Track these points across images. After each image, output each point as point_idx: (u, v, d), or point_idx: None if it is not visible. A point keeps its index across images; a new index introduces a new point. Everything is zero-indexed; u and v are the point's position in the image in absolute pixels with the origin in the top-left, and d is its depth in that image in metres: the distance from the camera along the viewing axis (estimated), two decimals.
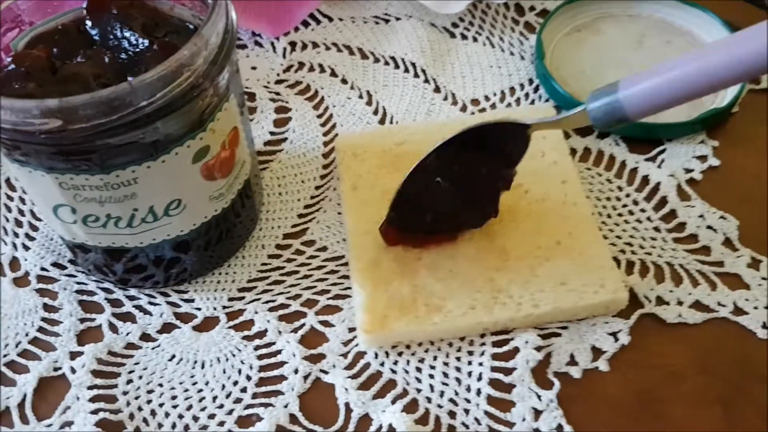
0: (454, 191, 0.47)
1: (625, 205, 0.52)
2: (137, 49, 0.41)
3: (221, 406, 0.44)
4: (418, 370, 0.45)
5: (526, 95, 0.60)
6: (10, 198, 0.55)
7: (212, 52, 0.38)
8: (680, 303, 0.47)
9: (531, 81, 0.61)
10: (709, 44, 0.37)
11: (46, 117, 0.34)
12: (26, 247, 0.52)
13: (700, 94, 0.38)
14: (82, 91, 0.37)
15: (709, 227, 0.50)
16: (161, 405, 0.44)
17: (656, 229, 0.51)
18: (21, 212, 0.54)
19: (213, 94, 0.39)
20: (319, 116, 0.60)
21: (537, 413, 0.43)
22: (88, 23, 0.43)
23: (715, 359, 0.45)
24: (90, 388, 0.45)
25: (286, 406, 0.44)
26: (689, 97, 0.39)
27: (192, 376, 0.45)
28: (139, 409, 0.44)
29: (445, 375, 0.45)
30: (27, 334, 0.47)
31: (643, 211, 0.52)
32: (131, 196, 0.40)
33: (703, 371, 0.44)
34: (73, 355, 0.46)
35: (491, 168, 0.47)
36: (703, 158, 0.55)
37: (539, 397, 0.43)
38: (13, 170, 0.40)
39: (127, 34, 0.42)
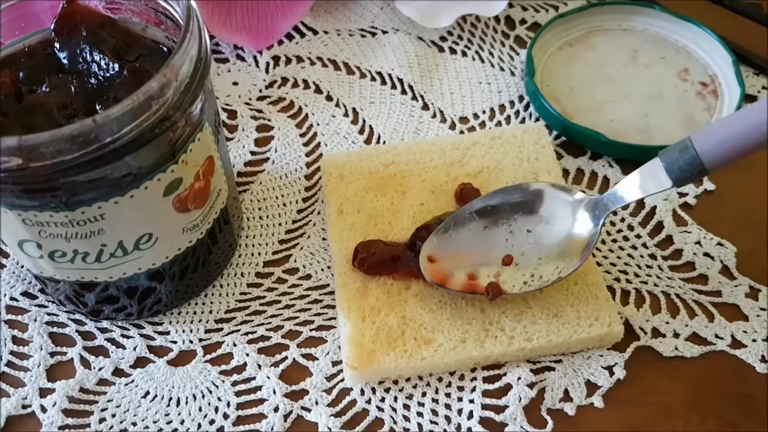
0: None
1: (619, 231, 0.50)
2: (107, 74, 0.39)
3: None
4: (406, 407, 0.43)
5: (517, 113, 0.58)
6: None
7: (184, 81, 0.36)
8: (677, 335, 0.45)
9: (522, 98, 0.59)
10: None
11: (5, 155, 0.32)
12: None
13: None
14: (46, 124, 0.35)
15: (706, 254, 0.49)
16: None
17: (652, 256, 0.49)
18: None
19: (185, 124, 0.37)
20: (303, 135, 0.57)
21: None
22: (57, 45, 0.41)
23: (710, 396, 0.43)
24: (61, 428, 0.43)
25: None
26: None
27: (167, 414, 0.43)
28: None
29: (434, 413, 0.43)
30: None
31: (638, 237, 0.50)
32: (98, 232, 0.38)
33: (696, 409, 0.43)
34: (44, 392, 0.44)
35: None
36: (697, 182, 0.53)
37: None
38: None
39: (96, 58, 0.40)
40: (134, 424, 0.43)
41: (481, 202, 0.47)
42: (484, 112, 0.59)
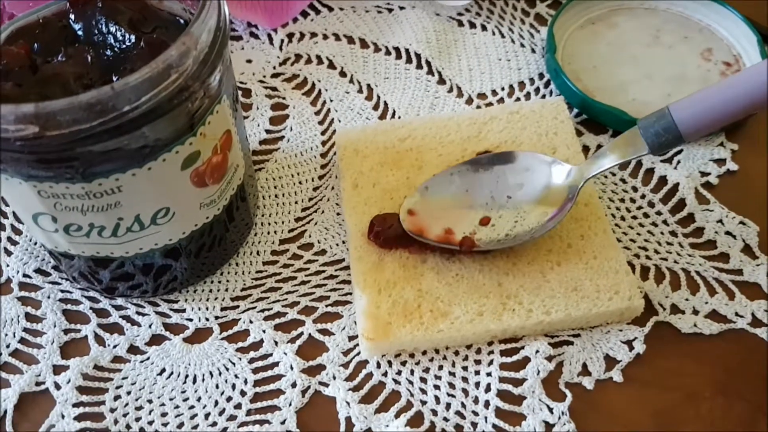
0: None
1: (640, 207, 0.50)
2: (123, 46, 0.38)
3: (214, 424, 0.42)
4: (423, 380, 0.43)
5: (537, 90, 0.58)
6: None
7: (202, 51, 0.35)
8: (696, 312, 0.45)
9: (542, 75, 0.58)
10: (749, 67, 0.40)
11: (21, 123, 0.31)
12: (8, 252, 0.49)
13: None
14: (62, 94, 0.34)
15: (727, 233, 0.48)
16: (151, 423, 0.42)
17: (672, 233, 0.48)
18: (3, 214, 0.51)
19: (204, 96, 0.37)
20: (317, 113, 0.57)
21: (548, 427, 0.41)
22: (72, 17, 0.40)
23: (734, 378, 0.43)
24: (76, 405, 0.42)
25: (283, 423, 0.42)
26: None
27: (183, 392, 0.43)
28: (128, 427, 0.42)
29: (452, 386, 0.42)
30: (8, 346, 0.45)
31: (659, 213, 0.49)
32: (115, 205, 0.37)
33: (722, 391, 0.42)
34: (57, 369, 0.44)
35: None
36: (720, 162, 0.52)
37: (551, 409, 0.41)
38: None
39: (112, 29, 0.39)
40: (150, 401, 0.42)
41: (466, 165, 0.48)
42: (503, 88, 0.58)
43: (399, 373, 0.43)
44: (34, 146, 0.33)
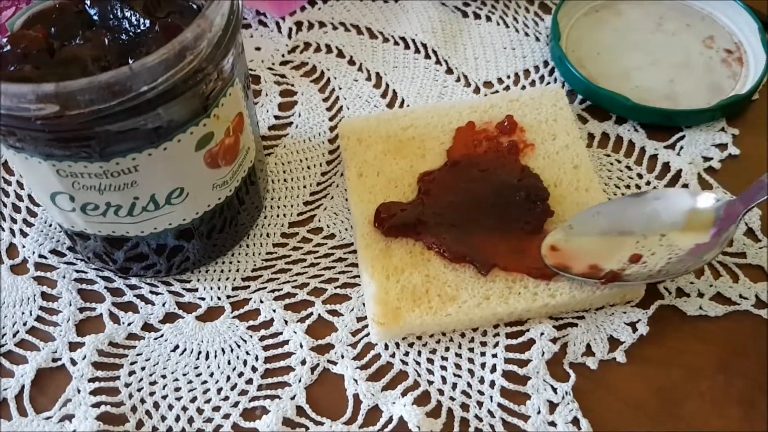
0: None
1: None
2: (138, 30, 0.39)
3: (226, 398, 0.43)
4: (430, 361, 0.44)
5: (541, 78, 0.58)
6: (8, 182, 0.53)
7: (217, 34, 0.36)
8: (701, 295, 0.46)
9: (546, 63, 0.59)
10: None
11: (42, 102, 0.33)
12: (24, 233, 0.50)
13: None
14: (80, 75, 0.35)
15: None
16: (164, 397, 0.43)
17: None
18: (19, 197, 0.52)
19: (217, 78, 0.38)
20: (325, 99, 0.58)
21: (552, 406, 0.42)
22: (87, 2, 0.41)
23: (735, 356, 0.43)
24: (91, 380, 0.43)
25: (293, 398, 0.43)
26: None
27: (196, 368, 0.44)
28: (142, 401, 0.43)
29: (458, 366, 0.43)
30: (25, 324, 0.46)
31: None
32: (132, 185, 0.38)
33: (722, 369, 0.43)
34: (73, 346, 0.45)
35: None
36: (722, 146, 0.53)
37: (554, 389, 0.42)
38: (8, 156, 0.38)
39: (127, 14, 0.40)
40: (164, 376, 0.44)
41: (614, 203, 0.47)
42: (508, 77, 0.59)
43: (406, 354, 0.44)
44: (54, 125, 0.34)
